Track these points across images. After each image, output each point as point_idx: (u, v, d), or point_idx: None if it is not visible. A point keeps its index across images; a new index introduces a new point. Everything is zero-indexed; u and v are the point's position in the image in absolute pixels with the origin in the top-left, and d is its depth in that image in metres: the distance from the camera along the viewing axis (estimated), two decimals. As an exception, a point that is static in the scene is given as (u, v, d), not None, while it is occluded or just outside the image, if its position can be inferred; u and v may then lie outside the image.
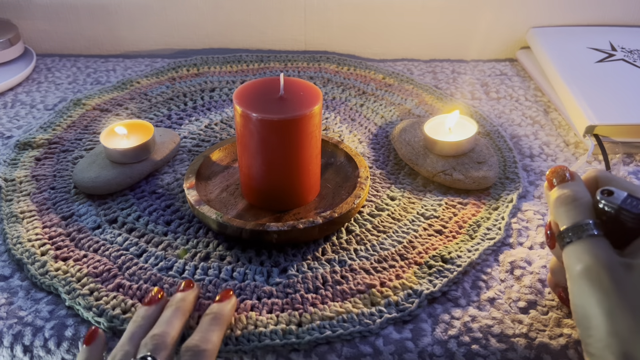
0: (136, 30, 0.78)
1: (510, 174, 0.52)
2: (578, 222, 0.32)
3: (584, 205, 0.33)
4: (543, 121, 0.62)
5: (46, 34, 0.78)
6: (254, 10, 0.76)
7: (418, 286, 0.40)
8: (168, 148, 0.54)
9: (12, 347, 0.37)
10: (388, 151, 0.56)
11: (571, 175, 0.36)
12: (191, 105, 0.65)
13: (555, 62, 0.65)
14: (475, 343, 0.37)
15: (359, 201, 0.46)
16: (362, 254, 0.43)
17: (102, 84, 0.70)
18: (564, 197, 0.34)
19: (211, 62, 0.74)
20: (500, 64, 0.76)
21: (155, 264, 0.43)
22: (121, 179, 0.49)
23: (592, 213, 0.33)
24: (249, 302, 0.39)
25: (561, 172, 0.36)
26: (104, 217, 0.47)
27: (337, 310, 0.38)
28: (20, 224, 0.46)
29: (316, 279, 0.41)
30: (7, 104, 0.65)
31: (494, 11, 0.75)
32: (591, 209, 0.33)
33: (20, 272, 0.43)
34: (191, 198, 0.46)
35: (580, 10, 0.74)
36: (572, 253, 0.32)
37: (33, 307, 0.39)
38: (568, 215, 0.33)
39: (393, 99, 0.66)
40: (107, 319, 0.38)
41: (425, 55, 0.79)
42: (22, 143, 0.56)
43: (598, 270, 0.30)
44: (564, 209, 0.34)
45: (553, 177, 0.36)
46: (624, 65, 0.65)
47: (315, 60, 0.75)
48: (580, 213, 0.33)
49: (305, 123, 0.42)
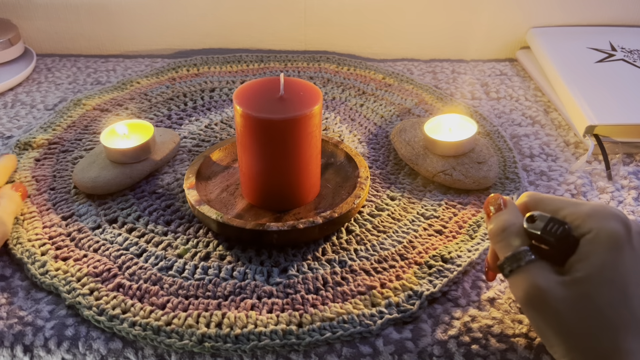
0: (136, 30, 0.78)
1: (510, 174, 0.53)
2: (513, 252, 0.33)
3: (516, 233, 0.34)
4: (543, 121, 0.62)
5: (46, 34, 0.78)
6: (254, 10, 0.76)
7: (418, 287, 0.40)
8: (168, 148, 0.54)
9: (13, 347, 0.37)
10: (388, 151, 0.56)
11: (504, 203, 0.36)
12: (191, 105, 0.65)
13: (555, 62, 0.65)
14: (475, 343, 0.37)
15: (359, 201, 0.46)
16: (362, 254, 0.43)
17: (102, 84, 0.70)
18: (497, 229, 0.35)
19: (211, 62, 0.74)
20: (500, 64, 0.76)
21: (156, 263, 0.43)
22: (121, 179, 0.49)
23: (526, 239, 0.33)
24: (249, 301, 0.39)
25: (495, 203, 0.36)
26: (104, 217, 0.47)
27: (338, 311, 0.38)
28: (20, 224, 0.46)
29: (316, 279, 0.41)
30: (7, 104, 0.65)
31: (494, 11, 0.75)
32: (524, 235, 0.33)
33: (21, 272, 0.43)
34: (191, 198, 0.46)
35: (580, 10, 0.74)
36: (513, 283, 0.33)
37: (33, 307, 0.39)
38: (504, 246, 0.34)
39: (393, 99, 0.66)
40: (107, 319, 0.38)
41: (425, 55, 0.79)
42: (22, 143, 0.56)
43: (538, 296, 0.31)
44: (499, 240, 0.34)
45: (490, 208, 0.37)
46: (624, 65, 0.65)
47: (315, 60, 0.75)
48: (515, 242, 0.33)
49: (305, 123, 0.42)
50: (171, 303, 0.39)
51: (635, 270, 0.30)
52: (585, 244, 0.31)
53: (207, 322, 0.38)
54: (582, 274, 0.30)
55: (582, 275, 0.30)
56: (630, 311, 0.29)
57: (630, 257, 0.30)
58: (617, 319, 0.29)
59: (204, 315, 0.38)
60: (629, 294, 0.30)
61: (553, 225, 0.32)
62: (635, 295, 0.30)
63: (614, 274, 0.30)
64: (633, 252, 0.31)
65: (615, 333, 0.29)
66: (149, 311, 0.38)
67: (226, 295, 0.40)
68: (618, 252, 0.30)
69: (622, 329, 0.29)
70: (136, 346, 0.37)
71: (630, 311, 0.29)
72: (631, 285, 0.30)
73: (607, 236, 0.30)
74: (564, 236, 0.31)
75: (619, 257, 0.30)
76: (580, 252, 0.31)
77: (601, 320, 0.29)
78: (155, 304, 0.39)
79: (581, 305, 0.30)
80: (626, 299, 0.29)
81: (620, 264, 0.30)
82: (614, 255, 0.30)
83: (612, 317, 0.29)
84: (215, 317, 0.38)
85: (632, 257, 0.30)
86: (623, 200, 0.50)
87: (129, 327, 0.37)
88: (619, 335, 0.29)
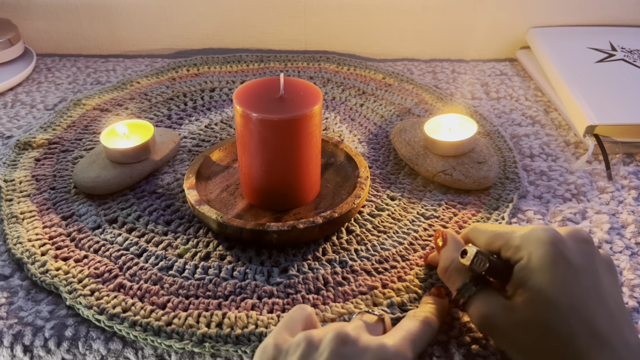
0: (136, 30, 0.78)
1: (510, 174, 0.53)
2: (458, 286, 0.35)
3: (457, 270, 0.36)
4: (543, 121, 0.62)
5: (46, 34, 0.78)
6: (254, 10, 0.76)
7: (420, 288, 0.40)
8: (168, 148, 0.54)
9: (12, 347, 0.37)
10: (388, 151, 0.56)
11: (444, 240, 0.38)
12: (191, 105, 0.65)
13: (556, 62, 0.65)
14: (475, 343, 0.37)
15: (359, 201, 0.46)
16: (362, 254, 0.43)
17: (102, 84, 0.70)
18: (441, 268, 0.37)
19: (211, 62, 0.74)
20: (500, 64, 0.76)
21: (156, 263, 0.43)
22: (121, 179, 0.49)
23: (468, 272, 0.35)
24: (250, 301, 0.39)
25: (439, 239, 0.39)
26: (104, 217, 0.47)
27: (339, 311, 0.38)
28: (20, 224, 0.46)
29: (317, 279, 0.41)
30: (7, 104, 0.65)
31: (494, 11, 0.75)
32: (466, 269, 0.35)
33: (20, 272, 0.43)
34: (191, 198, 0.46)
35: (580, 10, 0.75)
36: (469, 313, 0.35)
37: (33, 307, 0.39)
38: (450, 282, 0.36)
39: (393, 99, 0.66)
40: (108, 318, 0.38)
41: (425, 55, 0.79)
42: (22, 143, 0.56)
43: (487, 323, 0.33)
44: (446, 278, 0.37)
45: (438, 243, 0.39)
46: (624, 65, 0.65)
47: (315, 60, 0.75)
48: (457, 278, 0.35)
49: (305, 123, 0.42)
50: (171, 303, 0.39)
51: (577, 282, 0.30)
52: (519, 270, 0.32)
53: (207, 322, 0.38)
54: (523, 298, 0.31)
55: (523, 300, 0.31)
56: (586, 324, 0.29)
57: (569, 273, 0.31)
58: (571, 336, 0.29)
59: (205, 315, 0.38)
60: (576, 306, 0.30)
61: (479, 260, 0.34)
62: (584, 307, 0.30)
63: (554, 293, 0.30)
64: (570, 265, 0.31)
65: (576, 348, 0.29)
66: (149, 311, 0.38)
67: (226, 295, 0.40)
68: (552, 272, 0.31)
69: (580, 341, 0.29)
70: (136, 346, 0.37)
71: (586, 324, 0.29)
72: (576, 298, 0.30)
73: (538, 260, 0.31)
74: (490, 269, 0.33)
75: (556, 276, 0.30)
76: (518, 278, 0.32)
77: (555, 338, 0.29)
78: (156, 303, 0.39)
79: (530, 326, 0.31)
80: (574, 313, 0.29)
81: (557, 283, 0.30)
82: (548, 277, 0.30)
83: (566, 333, 0.29)
84: (216, 317, 0.38)
85: (571, 271, 0.31)
86: (623, 200, 0.50)
87: (130, 326, 0.37)
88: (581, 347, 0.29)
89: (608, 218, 0.48)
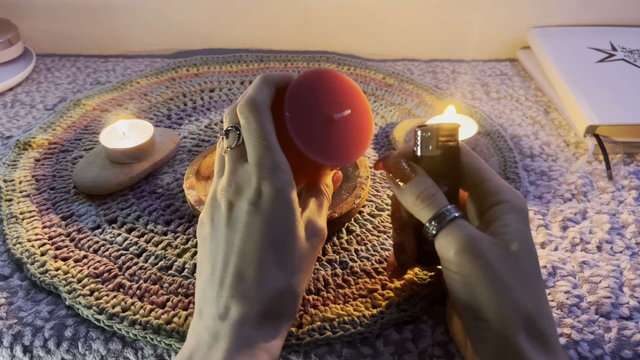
0: (136, 30, 0.78)
1: (510, 174, 0.52)
2: (437, 212, 0.33)
3: (434, 195, 0.33)
4: (543, 121, 0.62)
5: (46, 34, 0.78)
6: (254, 10, 0.76)
7: (419, 288, 0.40)
8: (168, 148, 0.54)
9: (12, 347, 0.37)
10: (388, 151, 0.56)
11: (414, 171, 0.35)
12: (191, 105, 0.65)
13: (556, 62, 0.65)
14: (475, 343, 0.37)
15: (359, 201, 0.46)
16: (362, 255, 0.43)
17: (102, 84, 0.70)
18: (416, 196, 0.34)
19: (211, 62, 0.74)
20: (500, 64, 0.76)
21: (155, 263, 0.43)
22: (121, 179, 0.49)
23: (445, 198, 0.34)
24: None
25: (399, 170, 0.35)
26: (104, 217, 0.47)
27: (338, 312, 0.38)
28: (20, 225, 0.46)
29: (317, 280, 0.41)
30: (7, 104, 0.65)
31: (495, 11, 0.75)
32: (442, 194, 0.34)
33: (20, 272, 0.42)
34: (191, 198, 0.46)
35: (580, 10, 0.74)
36: (441, 241, 0.32)
37: (33, 307, 0.39)
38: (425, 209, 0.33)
39: (393, 99, 0.66)
40: (107, 317, 0.38)
41: (425, 55, 0.79)
42: (21, 143, 0.56)
43: (473, 244, 0.31)
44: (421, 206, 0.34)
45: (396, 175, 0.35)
46: (624, 65, 0.65)
47: (315, 60, 0.75)
48: (437, 202, 0.33)
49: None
50: (171, 302, 0.39)
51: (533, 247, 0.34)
52: (506, 210, 0.33)
53: (207, 322, 0.38)
54: (509, 237, 0.31)
55: (510, 238, 0.31)
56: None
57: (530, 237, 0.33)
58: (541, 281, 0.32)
59: (204, 316, 0.38)
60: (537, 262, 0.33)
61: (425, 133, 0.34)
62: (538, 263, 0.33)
63: (530, 243, 0.33)
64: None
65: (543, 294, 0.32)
66: (149, 310, 0.38)
67: (226, 296, 0.40)
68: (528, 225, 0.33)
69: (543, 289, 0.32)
70: (136, 346, 0.37)
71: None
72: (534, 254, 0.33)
73: (521, 208, 0.33)
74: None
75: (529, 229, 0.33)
76: (504, 218, 0.32)
77: (529, 279, 0.31)
78: (155, 302, 0.39)
79: (511, 263, 0.31)
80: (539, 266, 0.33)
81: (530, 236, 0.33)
82: (528, 227, 0.33)
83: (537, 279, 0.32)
84: (215, 317, 0.38)
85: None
86: (624, 200, 0.50)
87: (129, 325, 0.37)
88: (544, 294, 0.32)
89: (608, 218, 0.48)
